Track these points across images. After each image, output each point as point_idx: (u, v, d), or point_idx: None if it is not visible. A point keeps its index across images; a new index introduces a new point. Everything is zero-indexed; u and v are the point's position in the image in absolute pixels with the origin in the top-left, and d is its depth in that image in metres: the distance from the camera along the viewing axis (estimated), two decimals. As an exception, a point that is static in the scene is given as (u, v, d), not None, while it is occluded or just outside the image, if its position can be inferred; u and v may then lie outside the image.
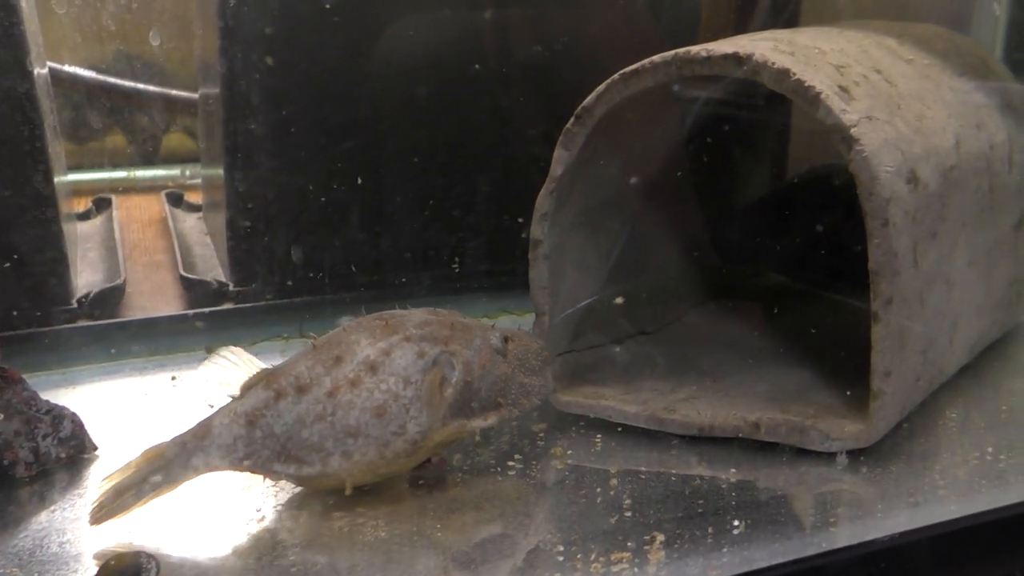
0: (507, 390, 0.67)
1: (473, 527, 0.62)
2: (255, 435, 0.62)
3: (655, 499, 0.65)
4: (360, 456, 0.62)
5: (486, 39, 1.02)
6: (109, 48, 1.20)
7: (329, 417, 0.62)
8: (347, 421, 0.62)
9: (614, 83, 0.72)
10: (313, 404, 0.62)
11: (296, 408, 0.62)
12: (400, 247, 1.01)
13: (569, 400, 0.77)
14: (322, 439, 0.62)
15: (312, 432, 0.62)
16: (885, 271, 0.66)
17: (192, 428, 0.62)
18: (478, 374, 0.65)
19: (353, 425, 0.62)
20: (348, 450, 0.62)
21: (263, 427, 0.62)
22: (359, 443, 0.62)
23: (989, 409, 0.78)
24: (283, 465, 0.62)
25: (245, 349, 0.91)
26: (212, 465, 0.62)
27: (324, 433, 0.62)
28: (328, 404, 0.62)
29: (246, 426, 0.62)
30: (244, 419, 0.62)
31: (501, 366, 0.67)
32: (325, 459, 0.62)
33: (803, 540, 0.60)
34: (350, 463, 0.62)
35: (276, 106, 0.96)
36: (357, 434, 0.62)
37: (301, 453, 0.62)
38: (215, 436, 0.62)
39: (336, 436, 0.62)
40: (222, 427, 0.62)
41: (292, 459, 0.62)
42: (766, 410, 0.73)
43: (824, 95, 0.66)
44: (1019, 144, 0.85)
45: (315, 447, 0.62)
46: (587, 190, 0.78)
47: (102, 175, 1.33)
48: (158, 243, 1.23)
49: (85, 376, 0.87)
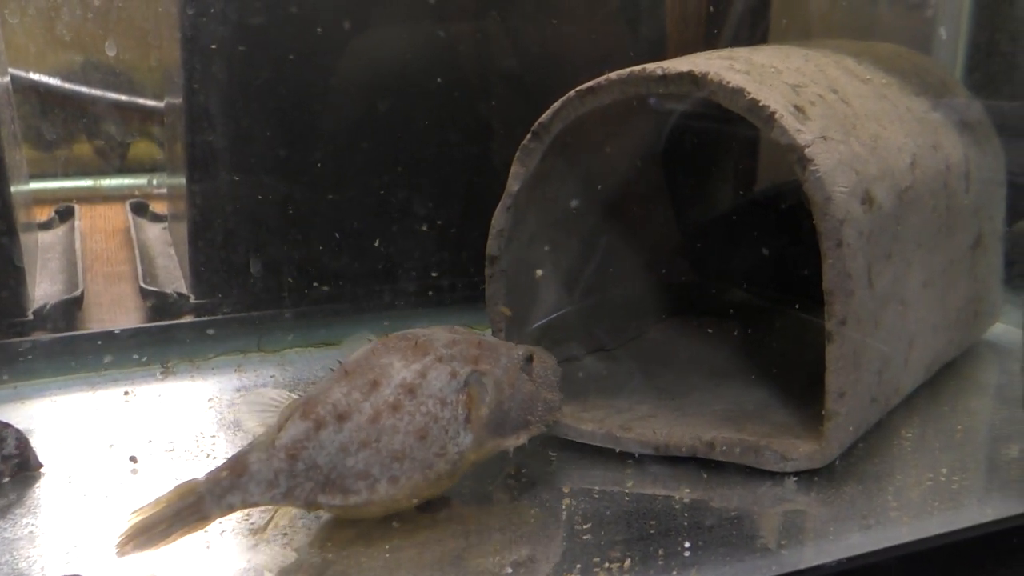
0: (533, 407, 0.67)
1: (424, 545, 0.61)
2: (297, 468, 0.60)
3: (607, 519, 0.65)
4: (406, 480, 0.61)
5: (451, 52, 1.01)
6: (77, 56, 1.19)
7: (374, 443, 0.60)
8: (392, 446, 0.61)
9: (570, 100, 0.72)
10: (356, 432, 0.60)
11: (338, 437, 0.60)
12: (362, 260, 1.00)
13: (525, 418, 0.76)
14: (368, 466, 0.60)
15: (358, 460, 0.60)
16: (839, 291, 0.66)
17: (227, 464, 0.60)
18: (508, 393, 0.66)
19: (398, 449, 0.61)
20: (395, 475, 0.61)
21: (305, 459, 0.60)
22: (405, 467, 0.61)
23: (945, 429, 0.78)
24: (328, 496, 0.60)
25: (203, 363, 0.92)
26: (249, 502, 0.60)
27: (370, 460, 0.60)
28: (372, 431, 0.61)
29: (287, 460, 0.60)
30: (284, 453, 0.60)
31: (527, 384, 0.67)
32: (372, 486, 0.60)
33: (753, 563, 0.60)
34: (396, 488, 0.61)
35: (237, 117, 0.96)
36: (403, 458, 0.61)
37: (347, 482, 0.60)
38: (253, 472, 0.59)
39: (382, 462, 0.60)
40: (260, 463, 0.60)
41: (337, 489, 0.60)
42: (722, 429, 0.72)
43: (778, 115, 0.66)
44: (976, 163, 0.85)
45: (361, 475, 0.60)
46: (545, 206, 0.78)
47: (67, 183, 1.31)
48: (121, 253, 1.22)
49: (35, 391, 0.85)
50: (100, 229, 1.30)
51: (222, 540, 0.62)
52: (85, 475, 0.70)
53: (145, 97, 1.28)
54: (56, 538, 0.62)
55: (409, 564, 0.59)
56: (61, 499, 0.67)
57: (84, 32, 1.07)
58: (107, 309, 1.03)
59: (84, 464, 0.71)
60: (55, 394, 0.85)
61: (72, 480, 0.69)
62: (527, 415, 0.67)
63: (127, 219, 1.30)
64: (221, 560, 0.60)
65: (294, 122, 0.97)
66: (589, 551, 0.61)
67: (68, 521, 0.64)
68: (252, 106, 0.96)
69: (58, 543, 0.61)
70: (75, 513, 0.65)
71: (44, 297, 1.01)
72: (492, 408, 0.64)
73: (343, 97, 0.98)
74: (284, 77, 0.96)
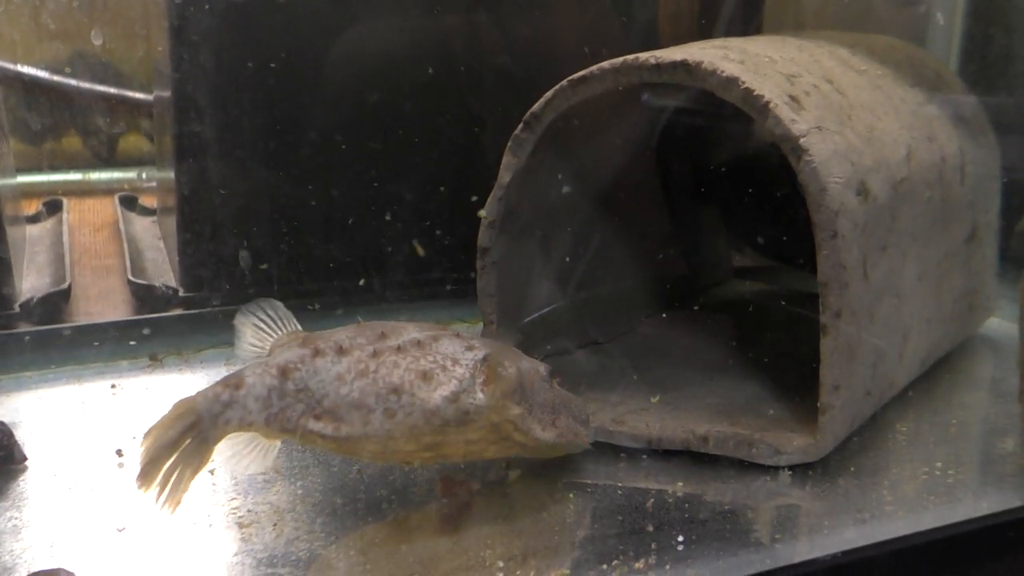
0: (558, 416, 0.66)
1: (412, 538, 0.60)
2: (287, 387, 0.58)
3: (600, 513, 0.64)
4: (404, 417, 0.59)
5: (442, 44, 1.00)
6: (64, 48, 1.18)
7: (372, 374, 0.59)
8: (391, 379, 0.59)
9: (563, 89, 0.71)
10: (354, 363, 0.59)
11: (335, 367, 0.59)
12: (353, 253, 1.00)
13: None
14: (363, 395, 0.58)
15: (352, 388, 0.58)
16: (834, 284, 0.66)
17: (223, 380, 0.59)
18: (528, 389, 0.64)
19: (397, 383, 0.59)
20: (391, 407, 0.59)
21: (296, 380, 0.59)
22: (403, 401, 0.59)
23: (939, 423, 0.78)
24: (319, 423, 0.58)
25: (192, 356, 0.91)
26: (247, 420, 0.58)
27: (366, 389, 0.58)
28: (371, 363, 0.59)
29: (278, 376, 0.58)
30: (276, 370, 0.59)
31: (549, 392, 0.66)
32: (366, 416, 0.58)
33: (747, 557, 0.59)
34: (393, 423, 0.59)
35: (226, 109, 0.95)
36: (401, 392, 0.59)
37: (339, 410, 0.58)
38: (249, 386, 0.58)
39: (379, 392, 0.58)
40: (255, 377, 0.58)
41: (329, 416, 0.58)
42: (715, 423, 0.72)
43: (773, 104, 0.65)
44: (972, 156, 0.84)
45: (355, 403, 0.58)
46: (537, 198, 0.77)
47: (57, 177, 1.30)
48: (110, 247, 1.21)
49: (22, 384, 0.84)
50: (89, 223, 1.29)
51: (211, 532, 0.61)
52: (70, 468, 0.69)
53: (134, 90, 1.27)
54: (40, 532, 0.61)
55: (395, 557, 0.58)
56: (46, 493, 0.66)
57: (71, 23, 1.06)
58: (95, 302, 1.02)
59: (69, 457, 0.71)
60: (41, 387, 0.84)
61: (57, 474, 0.68)
62: (553, 418, 0.65)
63: (116, 212, 1.29)
64: (211, 549, 0.59)
65: (283, 114, 0.96)
66: (581, 545, 0.60)
67: (52, 515, 0.63)
68: (241, 98, 0.95)
69: (42, 537, 0.60)
70: (60, 507, 0.64)
71: (31, 290, 1.00)
72: (513, 381, 0.62)
73: (333, 89, 0.97)
74: (273, 69, 0.95)
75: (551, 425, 0.65)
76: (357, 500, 0.65)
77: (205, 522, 0.62)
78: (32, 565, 0.57)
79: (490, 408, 0.61)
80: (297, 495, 0.65)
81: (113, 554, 0.58)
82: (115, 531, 0.61)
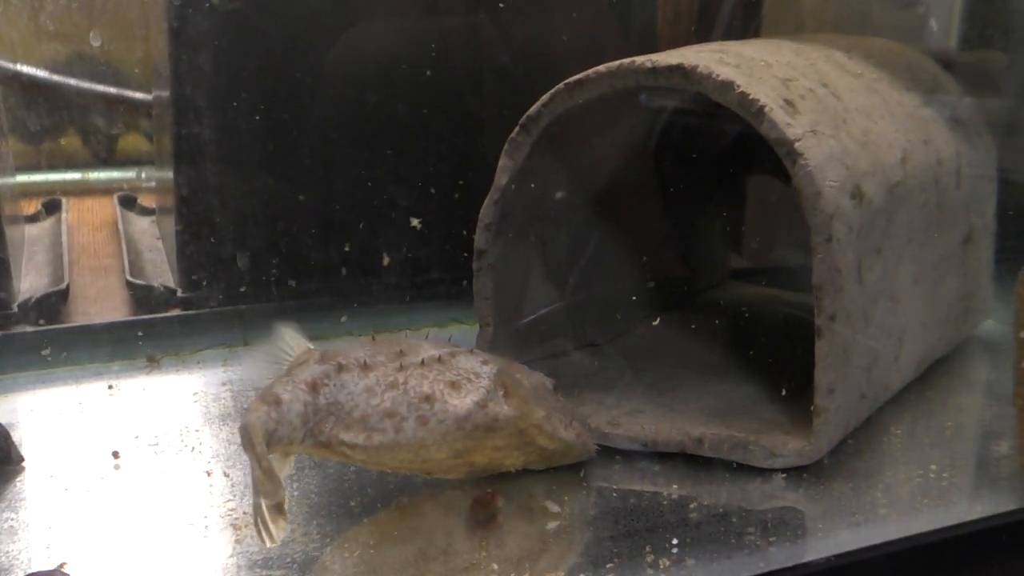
0: (573, 422, 0.68)
1: (404, 542, 0.60)
2: (319, 402, 0.58)
3: (595, 515, 0.64)
4: (437, 424, 0.59)
5: (440, 46, 1.01)
6: (64, 48, 1.18)
7: (402, 385, 0.59)
8: (421, 388, 0.60)
9: (559, 93, 0.71)
10: (383, 376, 0.59)
11: (363, 381, 0.59)
12: (350, 254, 1.00)
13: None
14: (395, 405, 0.59)
15: (383, 399, 0.59)
16: (828, 287, 0.66)
17: (260, 397, 0.58)
18: (540, 397, 0.65)
19: (429, 392, 0.60)
20: (424, 415, 0.59)
21: (326, 395, 0.59)
22: (436, 408, 0.59)
23: (935, 426, 0.78)
24: (352, 434, 0.58)
25: (189, 356, 0.91)
26: (293, 436, 0.57)
27: (397, 399, 0.59)
28: (399, 376, 0.60)
29: (310, 392, 0.58)
30: (306, 385, 0.59)
31: (557, 403, 0.67)
32: (399, 424, 0.59)
33: (741, 560, 0.59)
34: (426, 430, 0.59)
35: (225, 109, 0.95)
36: (433, 400, 0.60)
37: (371, 420, 0.59)
38: (288, 403, 0.57)
39: (411, 401, 0.59)
40: (289, 393, 0.58)
41: (360, 426, 0.59)
42: (710, 425, 0.72)
43: (768, 108, 0.65)
44: (967, 159, 0.85)
45: (388, 413, 0.59)
46: (534, 200, 0.77)
47: (56, 177, 1.30)
48: (109, 247, 1.21)
49: (19, 384, 0.85)
50: (88, 222, 1.29)
51: (206, 534, 0.61)
52: (67, 470, 0.69)
53: (133, 89, 1.27)
54: (36, 532, 0.61)
55: (388, 561, 0.58)
56: (42, 494, 0.66)
57: (70, 23, 1.06)
58: (93, 302, 1.02)
59: (66, 458, 0.71)
60: (38, 388, 0.84)
61: (53, 475, 0.68)
62: (570, 420, 0.67)
63: (115, 212, 1.29)
64: (208, 552, 0.59)
65: (282, 115, 0.97)
66: (576, 548, 0.60)
67: (49, 515, 0.63)
68: (240, 98, 0.95)
69: (38, 537, 0.60)
70: (56, 508, 0.64)
71: (29, 290, 1.00)
72: (530, 389, 0.64)
73: (331, 90, 0.97)
74: (272, 70, 0.96)
75: (570, 426, 0.67)
76: (352, 503, 0.65)
77: (201, 524, 0.62)
78: (28, 566, 0.57)
79: (517, 415, 0.62)
80: (293, 497, 0.65)
81: (109, 555, 0.59)
82: (111, 532, 0.61)
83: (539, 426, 0.64)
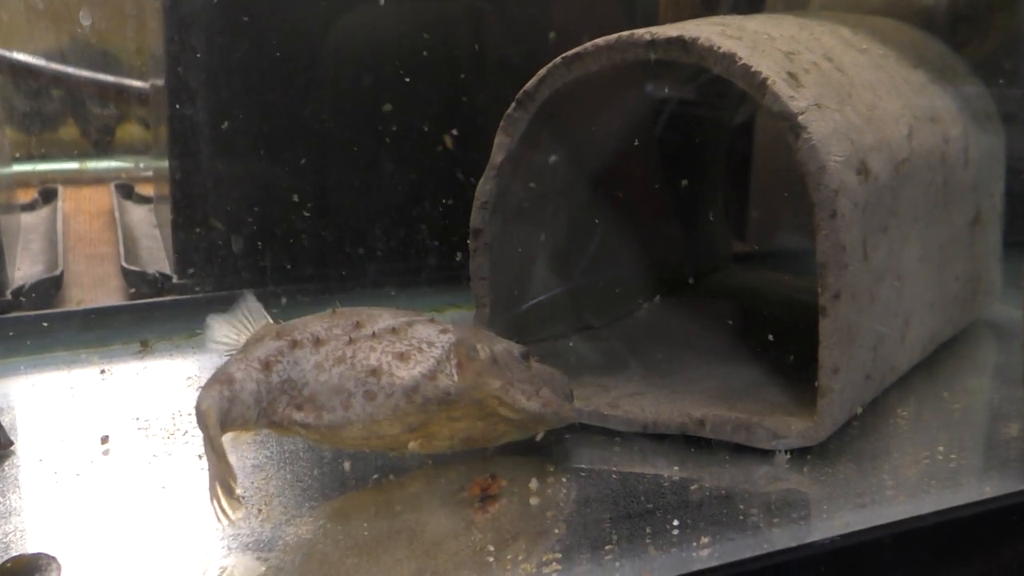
0: (540, 391, 0.65)
1: (401, 526, 0.59)
2: (272, 380, 0.58)
3: (595, 497, 0.63)
4: (385, 398, 0.58)
5: (438, 28, 0.99)
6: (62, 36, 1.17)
7: (349, 359, 0.59)
8: (368, 362, 0.59)
9: (556, 67, 0.69)
10: (332, 351, 0.59)
11: (314, 357, 0.59)
12: (345, 239, 0.99)
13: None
14: (342, 380, 0.58)
15: (331, 375, 0.58)
16: (833, 264, 0.64)
17: (213, 378, 0.58)
18: (503, 367, 0.63)
19: (375, 365, 0.59)
20: (371, 389, 0.58)
21: (279, 372, 0.58)
22: (383, 382, 0.59)
23: (942, 408, 0.76)
24: (300, 413, 0.58)
25: (183, 341, 0.90)
26: (246, 416, 0.57)
27: (344, 374, 0.58)
28: (347, 350, 0.59)
29: (263, 370, 0.58)
30: (259, 363, 0.58)
31: (525, 370, 0.65)
32: (347, 401, 0.58)
33: (744, 541, 0.58)
34: (374, 406, 0.58)
35: (220, 97, 0.94)
36: (380, 373, 0.59)
37: (320, 398, 0.58)
38: (240, 382, 0.57)
39: (357, 376, 0.58)
40: (242, 372, 0.58)
41: (310, 405, 0.58)
42: (712, 407, 0.70)
43: (771, 81, 0.64)
44: (976, 140, 0.83)
45: (335, 389, 0.58)
46: (531, 179, 0.76)
47: (54, 166, 1.29)
48: (105, 235, 1.21)
49: (11, 369, 0.84)
50: (85, 211, 1.28)
51: (197, 517, 0.60)
52: (56, 454, 0.68)
53: (131, 78, 1.26)
54: (24, 517, 0.60)
55: (384, 542, 0.57)
56: (31, 478, 0.65)
57: (67, 11, 1.05)
58: (87, 289, 1.02)
59: (56, 443, 0.70)
60: (31, 372, 0.83)
61: (43, 459, 0.67)
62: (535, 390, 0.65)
63: (112, 201, 1.28)
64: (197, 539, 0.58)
65: (277, 102, 0.96)
66: (574, 530, 0.59)
67: (37, 500, 0.62)
68: (235, 86, 0.95)
69: (26, 522, 0.59)
70: (44, 492, 0.63)
71: (24, 277, 1.00)
72: (486, 360, 0.62)
73: (327, 76, 0.96)
74: (266, 58, 0.95)
75: (535, 395, 0.64)
76: (345, 486, 0.63)
77: (191, 507, 0.61)
78: (15, 549, 0.56)
79: (471, 387, 0.61)
80: (286, 480, 0.64)
81: (97, 539, 0.57)
82: (99, 515, 0.60)
83: (497, 397, 0.62)
